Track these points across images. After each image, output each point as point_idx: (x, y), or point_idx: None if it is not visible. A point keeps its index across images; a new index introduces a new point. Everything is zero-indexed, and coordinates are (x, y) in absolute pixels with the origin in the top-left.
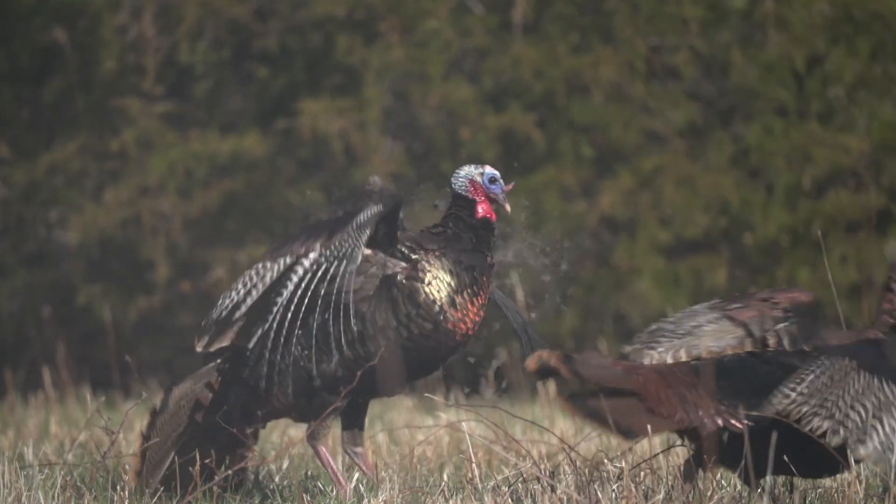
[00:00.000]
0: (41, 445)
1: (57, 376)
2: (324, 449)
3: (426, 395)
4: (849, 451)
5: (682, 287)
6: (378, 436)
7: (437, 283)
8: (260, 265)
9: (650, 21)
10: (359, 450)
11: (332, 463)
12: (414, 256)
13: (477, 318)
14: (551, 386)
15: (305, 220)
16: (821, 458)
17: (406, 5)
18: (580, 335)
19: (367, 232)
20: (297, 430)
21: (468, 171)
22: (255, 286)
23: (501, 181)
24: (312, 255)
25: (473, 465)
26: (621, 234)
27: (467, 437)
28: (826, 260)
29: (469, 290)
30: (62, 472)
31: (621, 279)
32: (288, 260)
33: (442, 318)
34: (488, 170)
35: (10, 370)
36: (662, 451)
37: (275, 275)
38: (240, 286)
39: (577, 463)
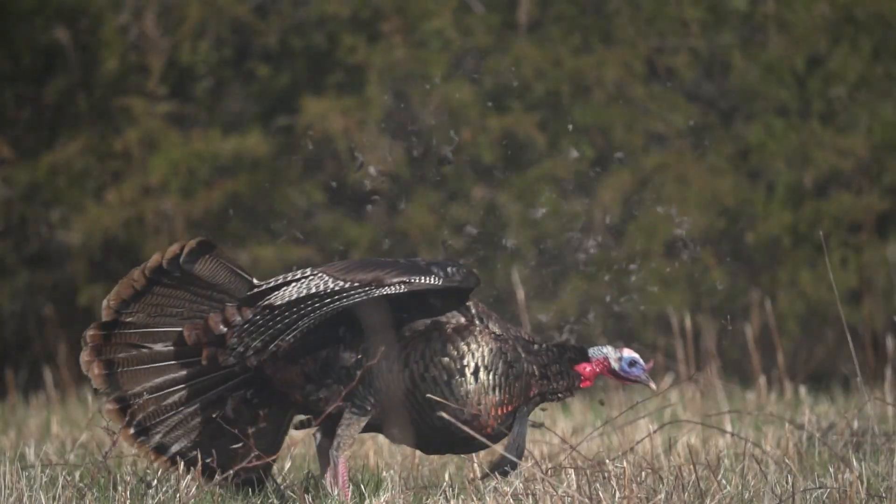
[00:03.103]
0: (42, 446)
1: (58, 376)
2: (343, 460)
3: (427, 395)
4: None
5: (681, 286)
6: (379, 436)
7: (476, 353)
8: (327, 279)
9: (651, 22)
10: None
11: (345, 474)
12: (476, 321)
13: (489, 421)
14: None
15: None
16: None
17: (411, 5)
18: (580, 335)
19: (423, 281)
20: (298, 431)
21: (609, 350)
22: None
23: (641, 360)
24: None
25: (475, 464)
26: (620, 233)
27: None
28: (828, 261)
29: (498, 393)
30: (63, 473)
31: (620, 279)
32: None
33: (457, 386)
34: (626, 353)
35: (12, 370)
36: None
37: (328, 287)
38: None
39: (579, 463)
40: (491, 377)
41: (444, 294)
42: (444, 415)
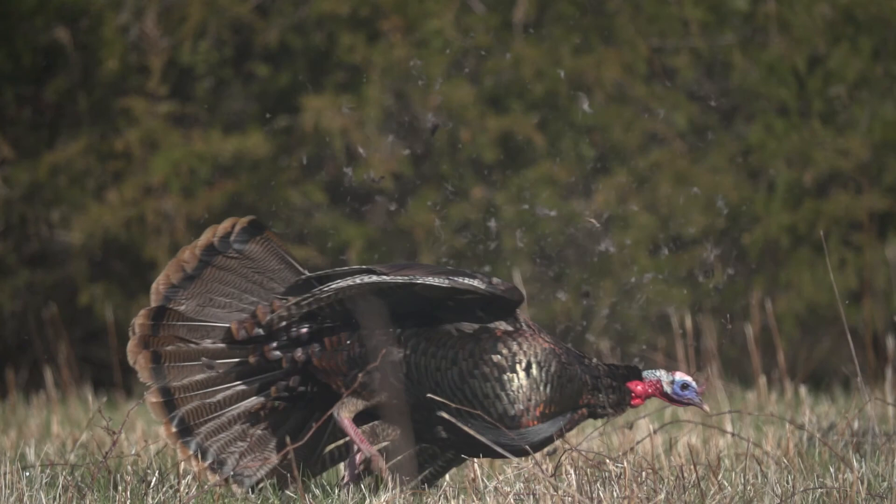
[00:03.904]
0: (43, 445)
1: (59, 376)
2: (347, 420)
3: (428, 395)
4: None
5: (680, 286)
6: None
7: (529, 351)
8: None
9: (651, 22)
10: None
11: (357, 432)
12: (525, 329)
13: (530, 422)
14: None
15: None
16: None
17: (411, 5)
18: (579, 335)
19: (472, 284)
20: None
21: (661, 373)
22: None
23: (693, 383)
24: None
25: (475, 464)
26: (618, 232)
27: None
28: (828, 261)
29: (549, 390)
30: (64, 473)
31: (619, 278)
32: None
33: (509, 381)
34: (678, 377)
35: (12, 370)
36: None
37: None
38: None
39: (579, 463)
40: (543, 374)
41: (488, 303)
42: (457, 421)
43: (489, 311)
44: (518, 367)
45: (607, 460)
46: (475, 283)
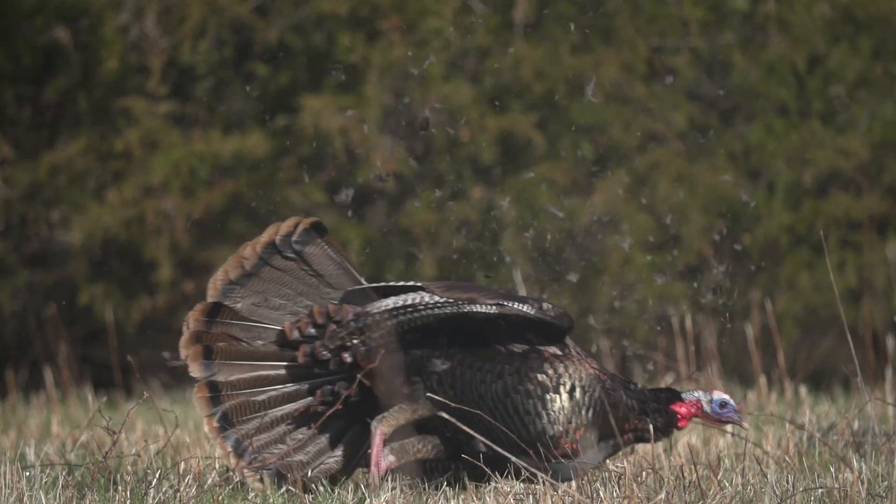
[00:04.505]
0: (43, 445)
1: (59, 376)
2: (380, 436)
3: (428, 395)
4: None
5: (679, 286)
6: None
7: (574, 375)
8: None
9: (651, 22)
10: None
11: (380, 450)
12: (572, 354)
13: (563, 443)
14: None
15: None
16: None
17: (410, 4)
18: (579, 336)
19: (526, 311)
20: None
21: (700, 393)
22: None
23: (731, 401)
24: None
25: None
26: (617, 231)
27: None
28: (828, 261)
29: (591, 415)
30: (64, 473)
31: (617, 278)
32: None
33: (551, 400)
34: (716, 395)
35: (12, 370)
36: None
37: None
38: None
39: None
40: (587, 398)
41: (537, 327)
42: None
43: (539, 334)
44: (562, 388)
45: (607, 460)
46: (525, 307)
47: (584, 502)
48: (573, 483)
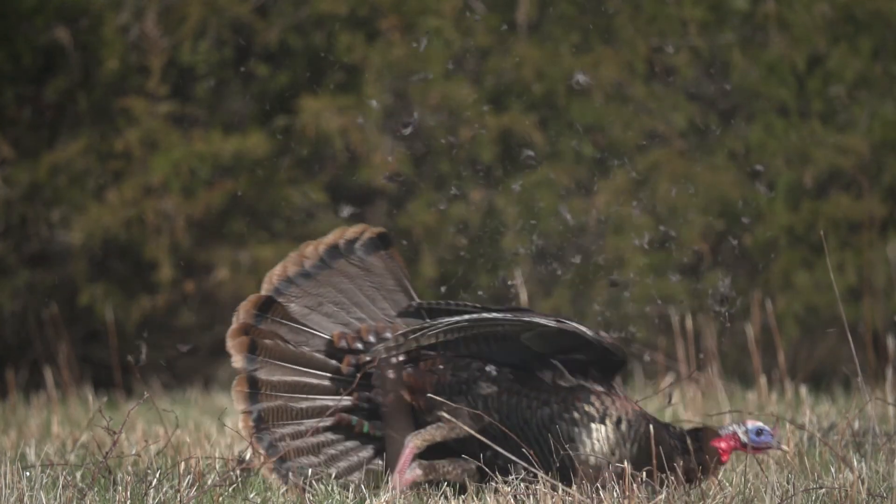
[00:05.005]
0: (43, 446)
1: (59, 376)
2: (410, 449)
3: (428, 395)
4: None
5: (679, 287)
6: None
7: (621, 409)
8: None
9: (651, 22)
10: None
11: (407, 462)
12: (619, 393)
13: (605, 474)
14: None
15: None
16: None
17: (409, 4)
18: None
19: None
20: None
21: (734, 426)
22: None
23: (766, 427)
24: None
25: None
26: (617, 232)
27: None
28: (829, 261)
29: (623, 450)
30: (64, 473)
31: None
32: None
33: (596, 430)
34: (750, 424)
35: (13, 370)
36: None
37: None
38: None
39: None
40: (632, 432)
41: (592, 353)
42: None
43: (593, 365)
44: (608, 419)
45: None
46: (583, 327)
47: (585, 502)
48: (573, 483)
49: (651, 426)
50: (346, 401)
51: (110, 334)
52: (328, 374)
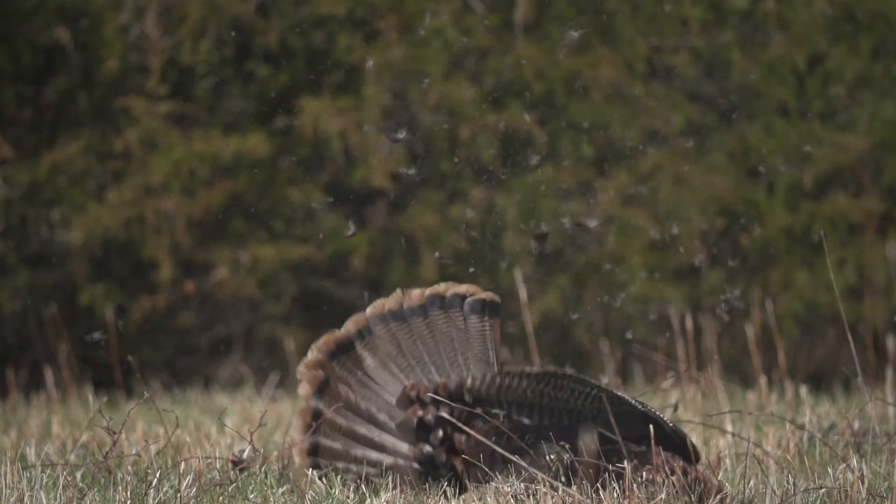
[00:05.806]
0: (43, 446)
1: (59, 376)
2: None
3: (429, 394)
4: None
5: (679, 287)
6: None
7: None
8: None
9: (651, 21)
10: None
11: None
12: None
13: None
14: None
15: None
16: None
17: (408, 3)
18: (579, 336)
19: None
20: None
21: None
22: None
23: None
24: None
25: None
26: (617, 233)
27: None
28: (829, 261)
29: None
30: (64, 473)
31: (617, 279)
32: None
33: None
34: None
35: (13, 370)
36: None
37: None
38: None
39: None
40: None
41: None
42: None
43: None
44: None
45: None
46: (664, 417)
47: (585, 503)
48: (573, 484)
49: None
50: (402, 458)
51: (110, 334)
52: (389, 434)
